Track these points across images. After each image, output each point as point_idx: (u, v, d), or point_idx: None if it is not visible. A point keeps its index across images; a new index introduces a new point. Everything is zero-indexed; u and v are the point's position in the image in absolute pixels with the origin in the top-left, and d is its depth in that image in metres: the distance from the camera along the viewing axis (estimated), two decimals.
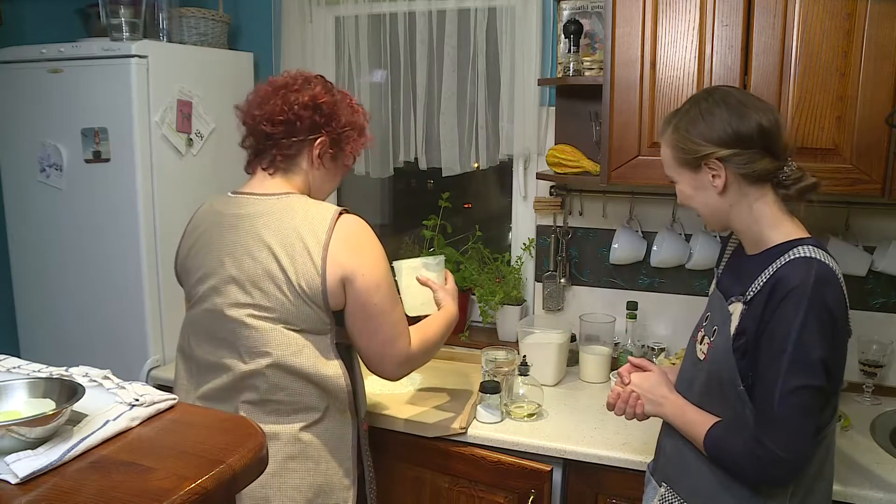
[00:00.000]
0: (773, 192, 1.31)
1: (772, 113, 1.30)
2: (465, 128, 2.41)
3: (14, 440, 0.82)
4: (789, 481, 1.23)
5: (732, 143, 1.28)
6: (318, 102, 1.52)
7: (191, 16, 2.43)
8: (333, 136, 1.55)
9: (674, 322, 2.27)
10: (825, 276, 1.20)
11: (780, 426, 1.19)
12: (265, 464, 0.89)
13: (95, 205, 2.23)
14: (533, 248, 2.42)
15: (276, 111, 1.50)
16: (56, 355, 1.67)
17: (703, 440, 1.30)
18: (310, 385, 1.46)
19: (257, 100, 1.55)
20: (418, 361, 1.61)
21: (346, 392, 1.50)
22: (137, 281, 2.21)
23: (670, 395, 1.41)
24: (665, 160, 1.39)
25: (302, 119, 1.51)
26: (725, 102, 1.30)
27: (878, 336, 1.99)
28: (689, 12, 1.77)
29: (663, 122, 1.39)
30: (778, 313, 1.20)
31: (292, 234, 1.43)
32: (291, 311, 1.43)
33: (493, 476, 1.77)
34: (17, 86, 2.28)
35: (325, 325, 1.47)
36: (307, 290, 1.42)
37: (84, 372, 1.06)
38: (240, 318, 1.44)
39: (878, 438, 1.74)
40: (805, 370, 1.18)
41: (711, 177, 1.31)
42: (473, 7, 2.34)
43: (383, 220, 3.01)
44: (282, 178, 1.54)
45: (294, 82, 1.54)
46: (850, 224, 2.01)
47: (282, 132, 1.51)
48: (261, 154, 1.56)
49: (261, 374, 1.44)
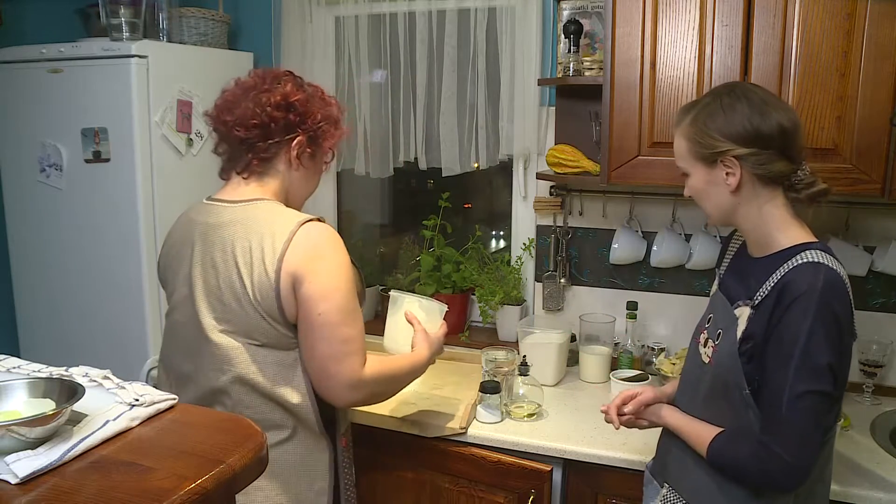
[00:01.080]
0: (784, 195, 1.30)
1: (792, 114, 1.29)
2: (465, 128, 2.41)
3: (14, 440, 0.82)
4: (797, 487, 1.22)
5: (751, 141, 1.26)
6: (290, 101, 1.45)
7: (191, 16, 2.43)
8: (310, 133, 1.48)
9: (674, 322, 2.27)
10: (833, 282, 1.20)
11: (789, 431, 1.18)
12: (265, 464, 0.89)
13: (95, 205, 2.23)
14: (533, 248, 2.42)
15: (248, 114, 1.44)
16: (56, 355, 1.67)
17: (707, 451, 1.29)
18: (273, 403, 1.41)
19: (226, 104, 1.48)
20: (372, 390, 1.48)
21: (313, 414, 1.43)
22: (137, 281, 2.21)
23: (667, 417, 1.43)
24: (679, 151, 1.37)
25: (276, 120, 1.44)
26: (748, 98, 1.27)
27: (878, 336, 1.99)
28: (689, 12, 1.77)
29: (680, 112, 1.37)
30: (786, 319, 1.19)
31: (254, 244, 1.38)
32: (252, 325, 1.38)
33: (493, 476, 1.77)
34: (17, 86, 2.28)
35: (289, 339, 1.40)
36: (262, 303, 1.36)
37: (84, 372, 1.06)
38: (205, 332, 1.39)
39: (878, 438, 1.74)
40: (813, 376, 1.17)
41: (726, 174, 1.29)
42: (473, 7, 2.34)
43: (383, 220, 3.01)
44: (256, 182, 1.48)
45: (263, 82, 1.48)
46: (850, 224, 2.01)
47: (257, 136, 1.45)
48: (236, 159, 1.50)
49: (224, 390, 1.39)
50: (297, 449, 1.44)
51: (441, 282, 2.48)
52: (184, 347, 1.46)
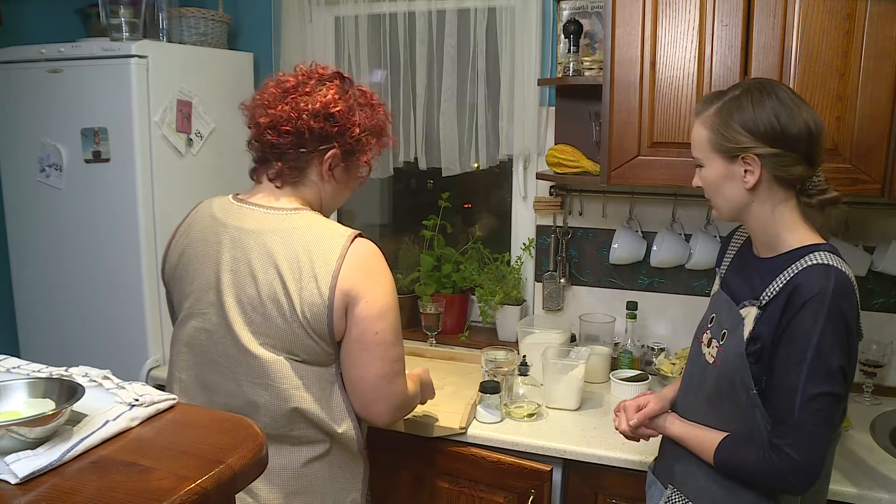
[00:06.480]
0: (796, 197, 1.29)
1: (818, 118, 1.26)
2: (464, 128, 2.41)
3: (14, 440, 0.82)
4: (808, 488, 1.21)
5: (776, 141, 1.23)
6: (329, 111, 1.36)
7: (191, 16, 2.43)
8: (346, 147, 1.40)
9: (674, 322, 2.27)
10: (843, 284, 1.19)
11: (801, 433, 1.18)
12: (265, 464, 0.89)
13: (95, 205, 2.23)
14: (533, 248, 2.42)
15: (282, 119, 1.35)
16: (56, 355, 1.67)
17: (713, 458, 1.29)
18: (313, 420, 1.36)
19: (263, 101, 1.40)
20: (406, 411, 1.50)
21: (355, 434, 1.41)
22: (137, 281, 2.21)
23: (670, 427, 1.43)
24: (697, 141, 1.32)
25: (311, 129, 1.36)
26: (777, 96, 1.24)
27: (878, 336, 1.99)
28: (688, 12, 1.77)
29: (704, 101, 1.32)
30: (796, 320, 1.19)
31: (302, 257, 1.31)
32: (295, 342, 1.32)
33: (492, 476, 1.77)
34: (16, 86, 2.28)
35: (330, 356, 1.37)
36: (310, 320, 1.31)
37: (84, 372, 1.06)
38: (242, 343, 1.33)
39: (878, 438, 1.74)
40: (825, 378, 1.17)
41: (744, 171, 1.26)
42: (473, 7, 2.34)
43: (383, 220, 3.01)
44: (291, 191, 1.41)
45: (305, 83, 1.39)
46: (849, 224, 2.00)
47: (289, 143, 1.37)
48: (266, 162, 1.42)
49: (257, 404, 1.34)
50: (334, 464, 1.42)
51: (441, 282, 2.48)
52: (211, 357, 1.38)
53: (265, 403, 1.35)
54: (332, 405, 1.39)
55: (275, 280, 1.31)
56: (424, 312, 2.37)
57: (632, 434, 1.50)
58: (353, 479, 1.46)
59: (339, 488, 1.43)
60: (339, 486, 1.43)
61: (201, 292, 1.39)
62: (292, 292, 1.30)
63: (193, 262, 1.41)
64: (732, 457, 1.27)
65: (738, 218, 1.34)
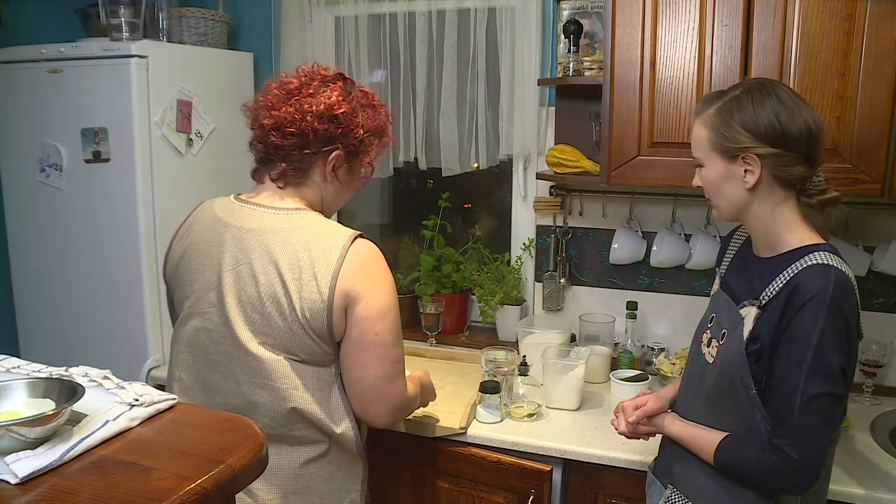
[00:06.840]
0: (796, 197, 1.29)
1: (818, 118, 1.26)
2: (464, 128, 2.41)
3: (14, 440, 0.82)
4: (808, 488, 1.21)
5: (777, 141, 1.23)
6: (334, 113, 1.37)
7: (191, 16, 2.43)
8: (350, 148, 1.41)
9: (673, 322, 2.27)
10: (843, 284, 1.19)
11: (801, 433, 1.18)
12: (265, 464, 0.89)
13: (95, 205, 2.23)
14: (533, 248, 2.42)
15: (286, 120, 1.36)
16: (56, 355, 1.67)
17: (713, 458, 1.29)
18: (311, 420, 1.37)
19: (267, 103, 1.40)
20: (406, 412, 1.51)
21: (354, 436, 1.41)
22: (137, 281, 2.21)
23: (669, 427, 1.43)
24: (697, 141, 1.32)
25: (315, 131, 1.37)
26: (778, 96, 1.24)
27: (878, 336, 1.99)
28: (688, 12, 1.77)
29: (704, 101, 1.33)
30: (796, 320, 1.19)
31: (302, 257, 1.31)
32: (294, 342, 1.33)
33: (492, 476, 1.77)
34: (16, 86, 2.28)
35: (329, 356, 1.37)
36: (311, 321, 1.31)
37: (84, 372, 1.06)
38: (241, 343, 1.33)
39: (878, 438, 1.74)
40: (826, 378, 1.17)
41: (744, 171, 1.26)
42: (473, 7, 2.34)
43: (383, 220, 3.01)
44: (293, 191, 1.42)
45: (309, 84, 1.40)
46: (849, 224, 2.00)
47: (293, 144, 1.37)
48: (269, 163, 1.43)
49: (257, 404, 1.34)
50: (333, 464, 1.43)
51: (441, 282, 2.48)
52: (211, 357, 1.38)
53: (264, 403, 1.35)
54: (331, 405, 1.39)
55: (275, 280, 1.32)
56: (424, 312, 2.37)
57: (631, 434, 1.49)
58: (352, 480, 1.47)
59: (337, 489, 1.44)
60: (337, 487, 1.44)
61: (202, 292, 1.39)
62: (292, 292, 1.31)
63: (195, 263, 1.42)
64: (732, 457, 1.26)
65: (738, 218, 1.34)
